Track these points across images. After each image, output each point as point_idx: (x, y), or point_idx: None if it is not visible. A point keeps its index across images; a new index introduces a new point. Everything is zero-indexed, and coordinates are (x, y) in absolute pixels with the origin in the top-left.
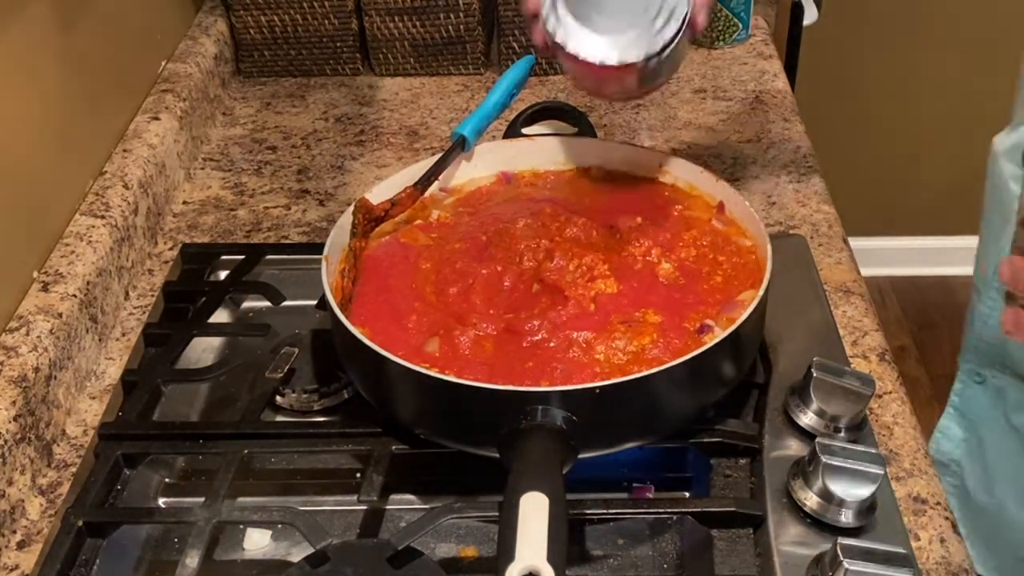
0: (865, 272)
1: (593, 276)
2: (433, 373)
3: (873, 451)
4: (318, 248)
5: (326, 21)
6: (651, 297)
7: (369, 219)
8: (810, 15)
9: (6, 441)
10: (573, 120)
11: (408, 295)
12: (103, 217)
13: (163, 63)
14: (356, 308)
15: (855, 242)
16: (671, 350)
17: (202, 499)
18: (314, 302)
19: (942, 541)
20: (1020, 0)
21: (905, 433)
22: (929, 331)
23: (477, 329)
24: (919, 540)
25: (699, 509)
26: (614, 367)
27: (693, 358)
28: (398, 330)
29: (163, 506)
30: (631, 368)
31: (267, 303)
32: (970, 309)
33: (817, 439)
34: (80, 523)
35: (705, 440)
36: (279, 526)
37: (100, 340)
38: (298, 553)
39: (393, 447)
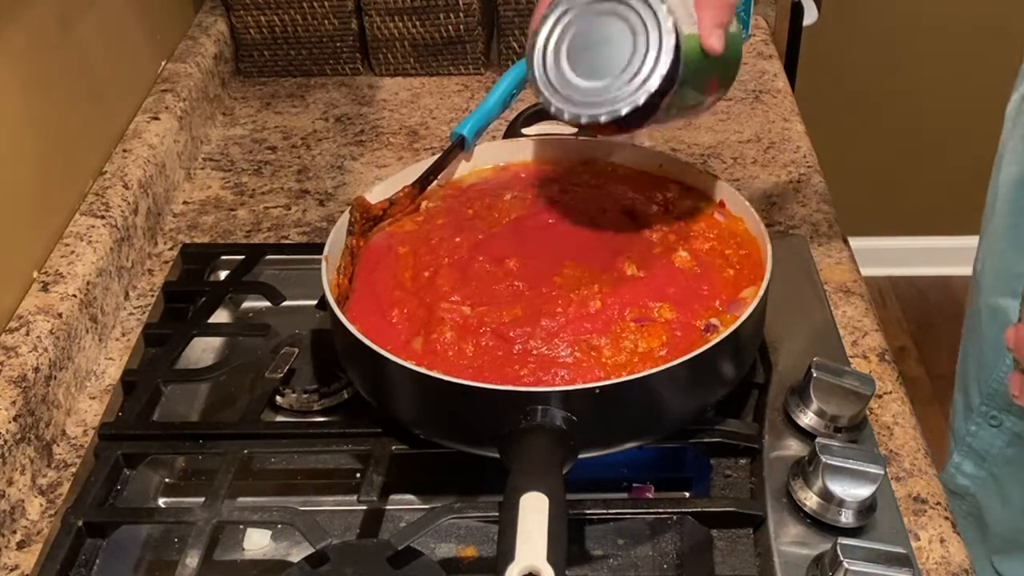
0: (865, 272)
1: (616, 263)
2: (434, 373)
3: (873, 451)
4: (318, 248)
5: (326, 21)
6: (670, 288)
7: (367, 218)
8: (810, 15)
9: (6, 441)
10: None
11: (390, 285)
12: (103, 217)
13: (163, 63)
14: (349, 305)
15: (855, 242)
16: (679, 351)
17: (202, 499)
18: (314, 302)
19: (942, 541)
20: (1021, 1)
21: (905, 433)
22: (929, 331)
23: (449, 325)
24: (919, 540)
25: (699, 509)
26: (620, 368)
27: (693, 358)
28: (384, 325)
29: (163, 506)
30: (639, 369)
31: (267, 303)
32: (985, 358)
33: (817, 439)
34: (80, 523)
35: (705, 440)
36: (279, 526)
37: (100, 340)
38: (298, 553)
39: (393, 447)
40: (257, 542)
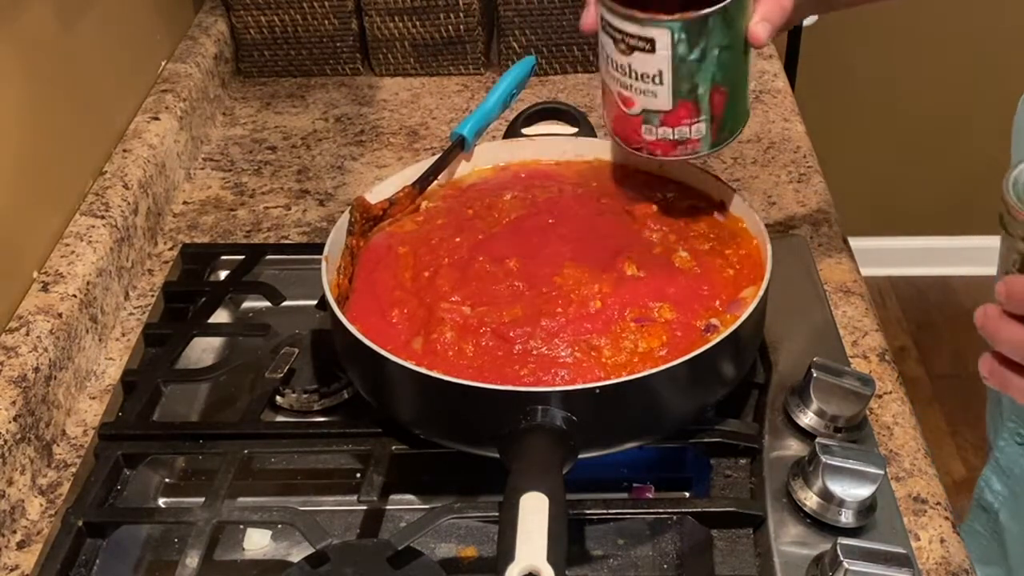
0: (865, 272)
1: (617, 262)
2: (434, 373)
3: (873, 451)
4: (318, 248)
5: (326, 21)
6: (670, 288)
7: (367, 218)
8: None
9: (6, 441)
10: (573, 120)
11: (390, 285)
12: (103, 217)
13: (163, 63)
14: (349, 305)
15: (855, 242)
16: (679, 351)
17: (202, 499)
18: (314, 302)
19: (942, 541)
20: (1021, 2)
21: (905, 433)
22: (929, 331)
23: (449, 325)
24: (919, 540)
25: (699, 509)
26: (620, 368)
27: (693, 358)
28: (384, 325)
29: (163, 506)
30: (639, 369)
31: (267, 303)
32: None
33: (817, 439)
34: (80, 523)
35: (705, 440)
36: (279, 526)
37: (100, 340)
38: (298, 553)
39: (393, 447)
40: (257, 542)
